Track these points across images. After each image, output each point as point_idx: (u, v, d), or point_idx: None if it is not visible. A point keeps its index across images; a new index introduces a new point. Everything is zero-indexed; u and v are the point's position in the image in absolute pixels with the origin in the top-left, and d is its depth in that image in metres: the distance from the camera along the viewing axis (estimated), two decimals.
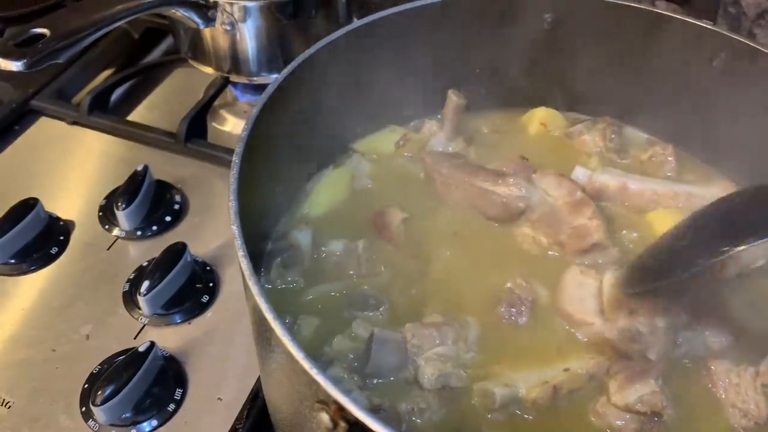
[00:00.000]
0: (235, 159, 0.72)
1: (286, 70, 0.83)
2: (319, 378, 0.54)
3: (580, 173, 0.98)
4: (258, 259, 0.88)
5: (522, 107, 1.09)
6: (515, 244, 0.91)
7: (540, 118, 1.07)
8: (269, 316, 0.58)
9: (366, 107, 1.02)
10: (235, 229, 0.65)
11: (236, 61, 1.26)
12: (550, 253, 0.90)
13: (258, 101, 0.78)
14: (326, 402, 0.55)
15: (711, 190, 0.93)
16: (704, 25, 0.93)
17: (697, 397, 0.76)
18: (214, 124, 1.34)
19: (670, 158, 1.00)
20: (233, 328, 1.00)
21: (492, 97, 1.08)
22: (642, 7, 0.96)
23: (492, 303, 0.82)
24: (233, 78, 1.30)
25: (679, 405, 0.75)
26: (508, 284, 0.83)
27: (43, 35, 0.93)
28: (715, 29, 0.93)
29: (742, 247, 0.69)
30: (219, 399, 0.92)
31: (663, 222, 0.91)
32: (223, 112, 1.37)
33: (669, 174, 1.00)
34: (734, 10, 1.32)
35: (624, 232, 0.92)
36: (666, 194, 0.93)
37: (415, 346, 0.74)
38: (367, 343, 0.75)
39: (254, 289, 0.60)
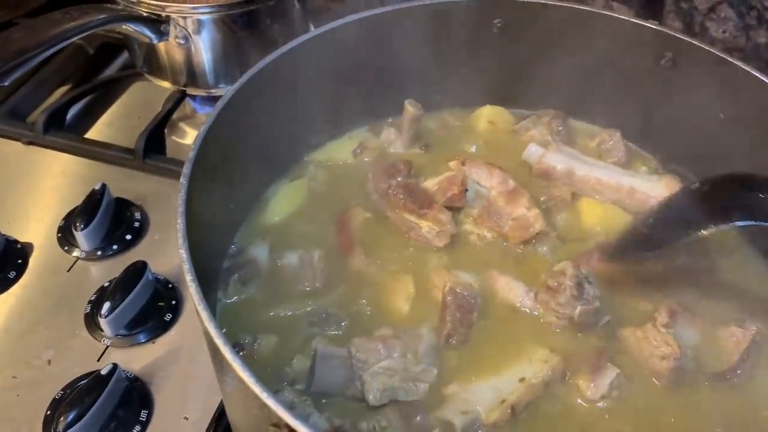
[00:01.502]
0: (183, 181, 0.71)
1: (232, 89, 0.83)
2: (270, 402, 0.54)
3: (533, 150, 1.00)
4: (215, 276, 0.88)
5: (471, 106, 1.11)
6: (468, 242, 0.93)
7: (487, 116, 1.08)
8: (219, 342, 0.58)
9: (321, 116, 1.03)
10: (183, 253, 0.65)
11: (192, 74, 1.25)
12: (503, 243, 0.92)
13: (206, 121, 0.78)
14: (279, 425, 0.55)
15: (656, 186, 0.94)
16: (650, 25, 0.94)
17: (624, 365, 0.80)
18: (174, 137, 1.33)
19: (618, 145, 1.02)
20: (197, 345, 0.99)
21: (445, 98, 1.09)
22: (590, 9, 0.97)
23: (442, 308, 0.82)
24: (190, 91, 1.29)
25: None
26: (447, 286, 0.82)
27: None
28: (661, 29, 0.95)
29: (707, 231, 0.77)
30: (185, 418, 0.92)
31: (592, 211, 0.95)
32: (183, 125, 1.35)
33: (618, 158, 1.02)
34: (686, 5, 1.34)
35: (558, 216, 0.95)
36: (610, 185, 0.95)
37: (360, 361, 0.74)
38: (312, 361, 0.75)
39: (204, 315, 0.60)
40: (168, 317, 1.02)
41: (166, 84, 1.28)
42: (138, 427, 0.90)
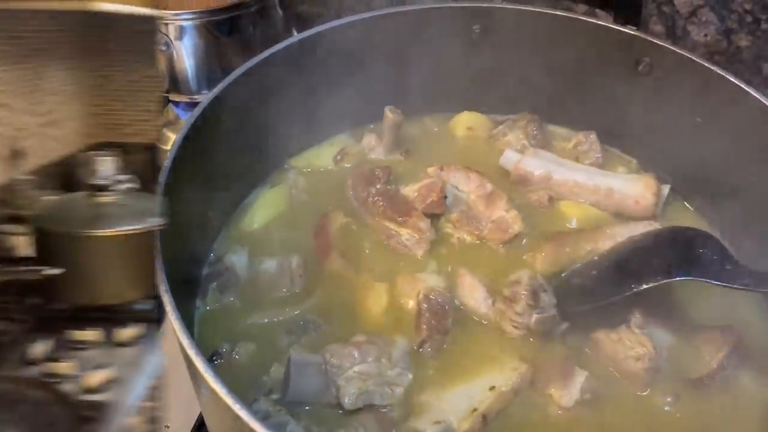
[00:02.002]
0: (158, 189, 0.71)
1: (210, 95, 0.83)
2: (242, 413, 0.54)
3: (509, 156, 1.00)
4: (194, 284, 0.87)
5: (450, 112, 1.11)
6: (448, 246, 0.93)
7: (465, 122, 1.09)
8: (191, 352, 0.58)
9: (302, 122, 1.02)
10: (156, 262, 0.64)
11: (175, 81, 1.24)
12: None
13: (181, 129, 0.77)
14: None
15: (634, 186, 0.94)
16: (628, 30, 0.95)
17: (599, 371, 0.80)
18: (156, 144, 1.32)
19: (594, 146, 1.02)
20: (179, 354, 0.98)
21: (425, 104, 1.09)
22: (567, 14, 0.98)
23: (417, 316, 0.82)
24: (173, 97, 1.28)
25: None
26: (421, 293, 0.82)
27: None
28: (639, 34, 0.95)
29: (645, 286, 0.78)
30: (166, 427, 0.91)
31: (570, 212, 0.96)
32: (166, 132, 1.34)
33: (596, 159, 1.02)
34: (668, 9, 1.34)
35: (537, 218, 0.95)
36: (588, 187, 0.95)
37: (335, 367, 0.73)
38: (286, 369, 0.74)
39: (176, 324, 0.60)
40: None
41: None
42: None
